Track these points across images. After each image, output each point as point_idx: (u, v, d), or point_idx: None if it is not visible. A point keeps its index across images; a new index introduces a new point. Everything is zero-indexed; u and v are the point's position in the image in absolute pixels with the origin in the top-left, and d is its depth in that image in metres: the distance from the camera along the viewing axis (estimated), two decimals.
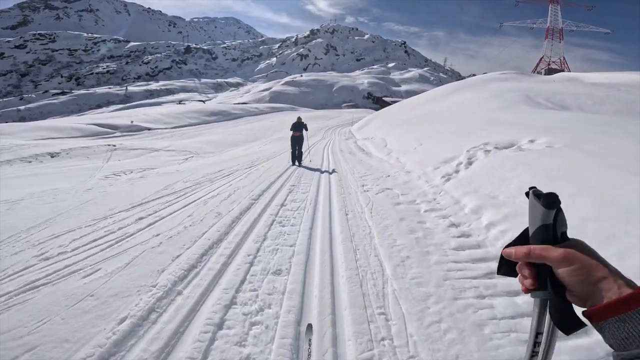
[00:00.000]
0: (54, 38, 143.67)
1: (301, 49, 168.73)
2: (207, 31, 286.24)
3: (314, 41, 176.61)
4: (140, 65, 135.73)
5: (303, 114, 43.15)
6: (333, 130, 28.18)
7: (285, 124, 30.72)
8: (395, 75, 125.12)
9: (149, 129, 27.39)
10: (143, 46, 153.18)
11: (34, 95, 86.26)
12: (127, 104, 75.83)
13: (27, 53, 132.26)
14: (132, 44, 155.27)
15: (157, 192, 5.58)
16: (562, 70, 64.61)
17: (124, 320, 2.34)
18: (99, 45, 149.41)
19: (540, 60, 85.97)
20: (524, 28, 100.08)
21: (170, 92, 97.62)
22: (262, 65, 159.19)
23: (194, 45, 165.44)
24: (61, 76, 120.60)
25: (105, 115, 42.56)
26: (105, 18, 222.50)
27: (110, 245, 3.44)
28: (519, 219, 3.57)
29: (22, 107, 75.79)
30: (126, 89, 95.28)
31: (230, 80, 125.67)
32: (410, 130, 12.67)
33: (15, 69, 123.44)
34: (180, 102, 70.16)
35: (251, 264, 3.12)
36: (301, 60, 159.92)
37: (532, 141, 5.51)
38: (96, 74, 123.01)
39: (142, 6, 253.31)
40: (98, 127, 24.84)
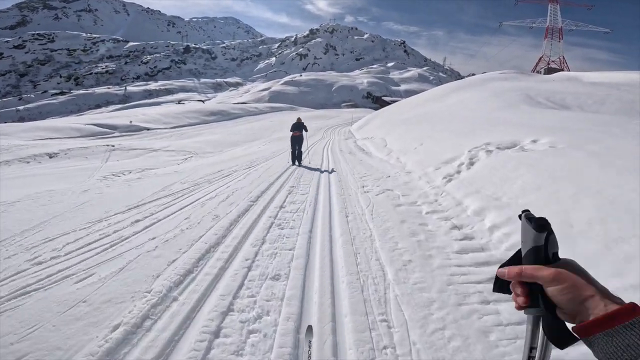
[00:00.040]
0: (53, 38, 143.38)
1: (300, 49, 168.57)
2: (207, 31, 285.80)
3: (313, 41, 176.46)
4: (139, 65, 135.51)
5: (302, 114, 43.09)
6: (332, 130, 28.10)
7: (284, 124, 30.66)
8: (395, 75, 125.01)
9: (148, 129, 27.32)
10: (142, 46, 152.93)
11: (32, 96, 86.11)
12: (126, 104, 75.68)
13: (26, 53, 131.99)
14: (131, 43, 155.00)
15: (155, 194, 5.49)
16: (562, 70, 64.59)
17: (117, 327, 2.27)
18: (98, 45, 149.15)
19: (540, 59, 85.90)
20: (524, 27, 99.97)
21: (169, 92, 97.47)
22: (262, 65, 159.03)
23: (193, 45, 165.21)
24: (60, 76, 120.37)
25: (104, 115, 42.44)
26: (104, 18, 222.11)
27: (105, 249, 3.36)
28: None
29: (21, 107, 75.66)
30: (125, 89, 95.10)
31: (229, 80, 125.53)
32: (410, 129, 12.60)
33: (14, 69, 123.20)
34: (179, 102, 70.04)
35: (249, 269, 3.03)
36: (300, 60, 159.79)
37: (535, 141, 5.42)
38: (95, 74, 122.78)
39: (141, 6, 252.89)
40: (97, 127, 24.76)
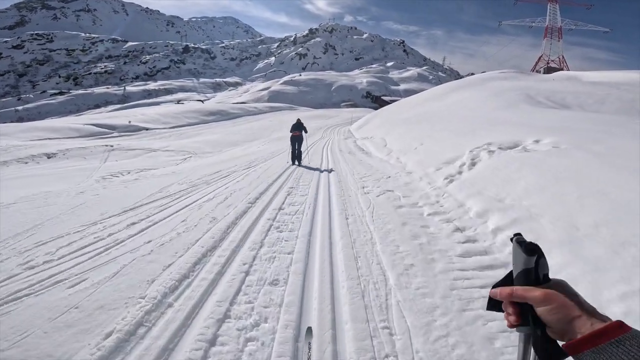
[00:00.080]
0: (52, 38, 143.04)
1: (300, 48, 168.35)
2: (206, 31, 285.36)
3: (313, 40, 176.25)
4: (138, 65, 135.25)
5: (302, 114, 43.02)
6: (332, 130, 28.00)
7: (284, 124, 30.55)
8: (394, 75, 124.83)
9: (146, 129, 27.21)
10: (141, 46, 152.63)
11: (31, 96, 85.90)
12: (125, 104, 75.49)
13: (25, 53, 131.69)
14: (130, 43, 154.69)
15: (151, 195, 5.40)
16: (561, 69, 64.55)
17: (109, 335, 2.20)
18: (97, 45, 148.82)
19: (539, 59, 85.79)
20: (523, 27, 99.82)
21: (168, 92, 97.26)
22: (261, 64, 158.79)
23: (193, 45, 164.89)
24: (59, 76, 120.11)
25: (103, 115, 42.31)
26: (103, 18, 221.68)
27: (99, 253, 3.28)
28: (528, 224, 3.41)
29: (20, 108, 75.49)
30: (124, 88, 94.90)
31: (228, 79, 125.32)
32: (410, 129, 12.51)
33: (12, 69, 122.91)
34: (178, 102, 69.89)
35: (247, 274, 2.95)
36: (300, 59, 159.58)
37: (537, 141, 5.35)
38: (94, 74, 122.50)
39: (140, 6, 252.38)
40: (95, 127, 24.65)
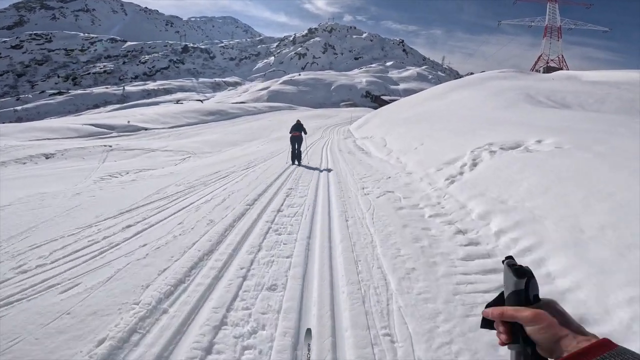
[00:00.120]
0: (50, 38, 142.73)
1: (299, 48, 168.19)
2: (205, 30, 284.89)
3: (312, 40, 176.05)
4: (137, 65, 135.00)
5: (301, 113, 42.95)
6: (332, 130, 27.92)
7: (283, 123, 30.46)
8: (394, 74, 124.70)
9: (145, 129, 27.12)
10: (140, 46, 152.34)
11: (30, 96, 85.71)
12: (125, 104, 75.34)
13: (24, 53, 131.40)
14: (129, 43, 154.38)
15: (148, 197, 5.32)
16: (561, 69, 64.50)
17: (102, 342, 2.14)
18: (96, 45, 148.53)
19: (539, 58, 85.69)
20: (522, 26, 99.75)
21: (167, 92, 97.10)
22: (260, 64, 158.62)
23: (192, 45, 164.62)
24: (58, 76, 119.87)
25: (102, 115, 42.19)
26: (101, 18, 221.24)
27: (93, 257, 3.20)
28: (531, 226, 3.33)
29: (19, 108, 75.33)
30: (123, 88, 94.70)
31: (228, 79, 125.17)
32: (409, 129, 12.44)
33: (11, 69, 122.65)
34: (178, 102, 69.77)
35: (244, 279, 2.87)
36: (299, 59, 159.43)
37: (540, 141, 5.27)
38: (93, 73, 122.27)
39: (139, 6, 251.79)
40: (94, 128, 24.55)
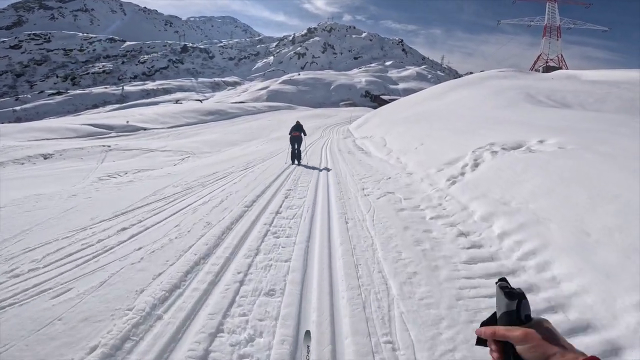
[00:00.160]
0: (49, 38, 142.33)
1: (298, 48, 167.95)
2: (204, 30, 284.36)
3: (312, 40, 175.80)
4: (136, 64, 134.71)
5: (300, 113, 42.90)
6: (331, 129, 27.84)
7: (282, 123, 30.37)
8: (393, 74, 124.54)
9: (144, 129, 27.05)
10: (139, 46, 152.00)
11: (29, 96, 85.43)
12: (124, 104, 75.15)
13: (22, 53, 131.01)
14: (128, 43, 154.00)
15: (145, 199, 5.24)
16: (560, 68, 64.43)
17: (94, 349, 2.07)
18: (95, 45, 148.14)
19: (538, 57, 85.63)
20: (522, 26, 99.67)
21: (167, 92, 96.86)
22: (260, 64, 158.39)
23: (191, 45, 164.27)
24: (57, 76, 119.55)
25: (101, 115, 42.08)
26: (100, 18, 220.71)
27: (87, 261, 3.12)
28: (535, 229, 3.26)
29: (18, 108, 75.07)
30: (122, 88, 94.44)
31: (227, 79, 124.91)
32: (409, 128, 12.37)
33: (10, 69, 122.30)
34: (177, 102, 69.64)
35: (241, 283, 2.79)
36: (299, 58, 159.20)
37: (542, 142, 5.20)
38: (92, 73, 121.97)
39: (138, 5, 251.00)
40: (93, 128, 24.48)
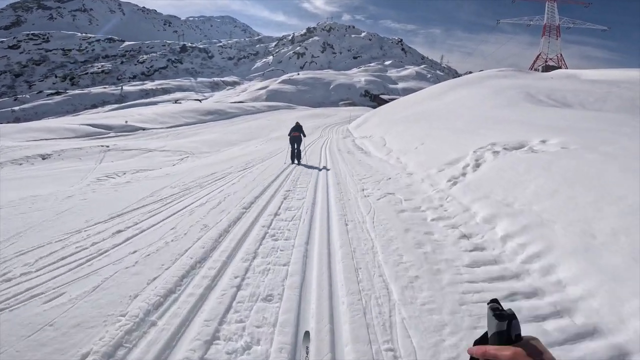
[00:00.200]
0: (48, 38, 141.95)
1: (298, 47, 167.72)
2: (203, 30, 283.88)
3: (311, 39, 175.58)
4: (135, 64, 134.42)
5: (300, 113, 42.86)
6: (330, 129, 27.78)
7: (282, 122, 30.31)
8: (392, 73, 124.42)
9: (143, 128, 27.00)
10: (138, 45, 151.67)
11: (28, 96, 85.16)
12: (123, 104, 74.98)
13: (21, 53, 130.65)
14: (127, 43, 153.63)
15: (141, 200, 5.16)
16: (560, 67, 64.36)
17: (85, 356, 2.01)
18: (93, 45, 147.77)
19: (537, 57, 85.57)
20: (521, 25, 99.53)
21: (166, 92, 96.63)
22: (259, 63, 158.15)
23: (190, 44, 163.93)
24: (55, 76, 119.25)
25: (100, 115, 41.99)
26: (99, 17, 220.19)
27: (80, 265, 3.05)
28: (539, 231, 3.19)
29: (17, 108, 74.83)
30: (121, 88, 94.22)
31: (226, 79, 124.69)
32: (409, 128, 12.30)
33: (9, 69, 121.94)
34: (176, 102, 69.48)
35: (238, 288, 2.72)
36: (298, 58, 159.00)
37: (544, 142, 5.13)
38: (91, 73, 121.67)
39: (137, 5, 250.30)
40: (91, 128, 24.42)
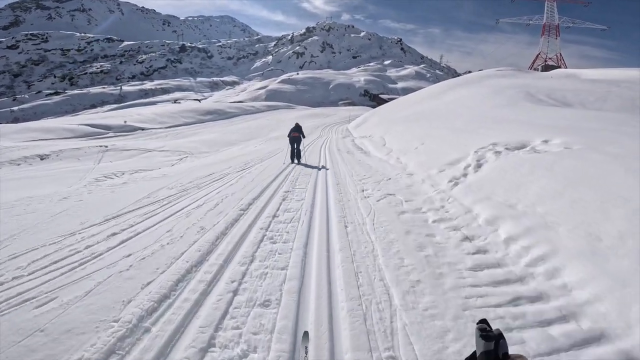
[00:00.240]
0: (47, 38, 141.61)
1: (297, 47, 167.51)
2: (202, 30, 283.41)
3: (310, 39, 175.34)
4: (134, 64, 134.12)
5: (299, 112, 42.80)
6: (330, 129, 27.70)
7: (281, 122, 30.24)
8: (392, 73, 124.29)
9: (142, 129, 26.92)
10: (137, 45, 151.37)
11: (27, 96, 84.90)
12: (122, 104, 74.80)
13: (20, 53, 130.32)
14: (126, 43, 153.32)
15: (138, 202, 5.08)
16: (559, 67, 64.31)
17: None
18: (92, 45, 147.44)
19: (537, 56, 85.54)
20: (520, 25, 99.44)
21: (165, 92, 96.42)
22: (258, 63, 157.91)
23: (189, 44, 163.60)
24: (54, 76, 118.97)
25: (99, 115, 41.88)
26: (98, 17, 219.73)
27: (73, 268, 2.98)
28: (543, 233, 3.12)
29: (16, 108, 74.63)
30: (120, 88, 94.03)
31: (226, 78, 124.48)
32: (409, 127, 12.24)
33: (7, 69, 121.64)
34: (175, 101, 69.33)
35: (235, 293, 2.64)
36: (297, 58, 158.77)
37: (546, 142, 5.06)
38: (90, 73, 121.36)
39: (136, 5, 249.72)
40: (90, 128, 24.33)
